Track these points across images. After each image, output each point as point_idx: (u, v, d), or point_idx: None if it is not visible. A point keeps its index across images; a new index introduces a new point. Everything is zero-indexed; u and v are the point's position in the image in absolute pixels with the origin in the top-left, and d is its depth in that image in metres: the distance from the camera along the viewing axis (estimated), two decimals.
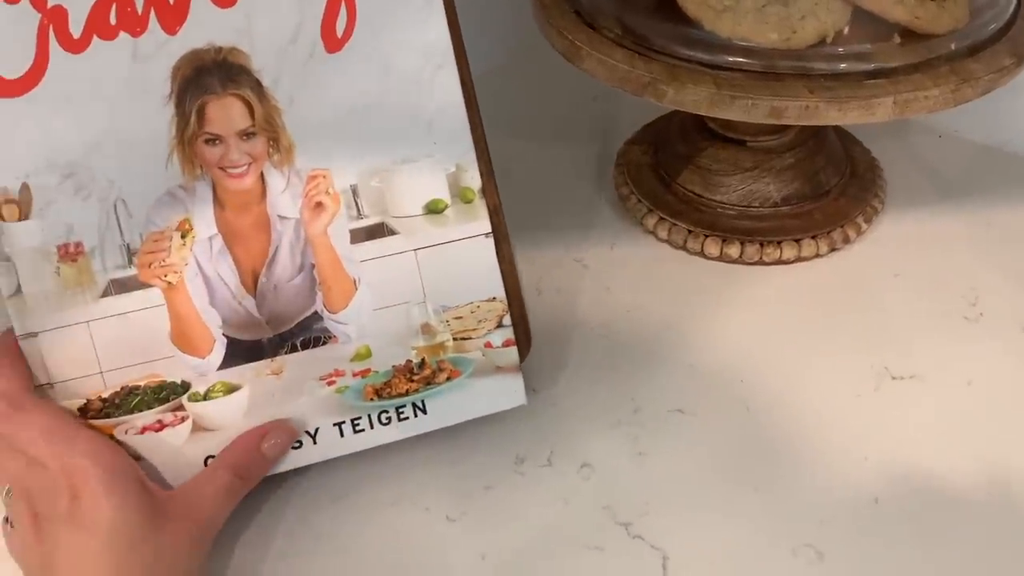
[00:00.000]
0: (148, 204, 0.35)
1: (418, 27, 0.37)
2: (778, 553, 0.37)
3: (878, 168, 0.55)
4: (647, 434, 0.42)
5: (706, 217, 0.51)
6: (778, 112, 0.39)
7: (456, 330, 0.39)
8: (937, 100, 0.39)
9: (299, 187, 0.37)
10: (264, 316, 0.37)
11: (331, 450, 0.39)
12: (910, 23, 0.42)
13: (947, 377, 0.44)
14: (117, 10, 0.34)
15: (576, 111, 0.63)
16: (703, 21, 0.41)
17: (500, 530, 0.38)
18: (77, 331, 0.36)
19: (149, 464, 0.37)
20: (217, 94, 0.35)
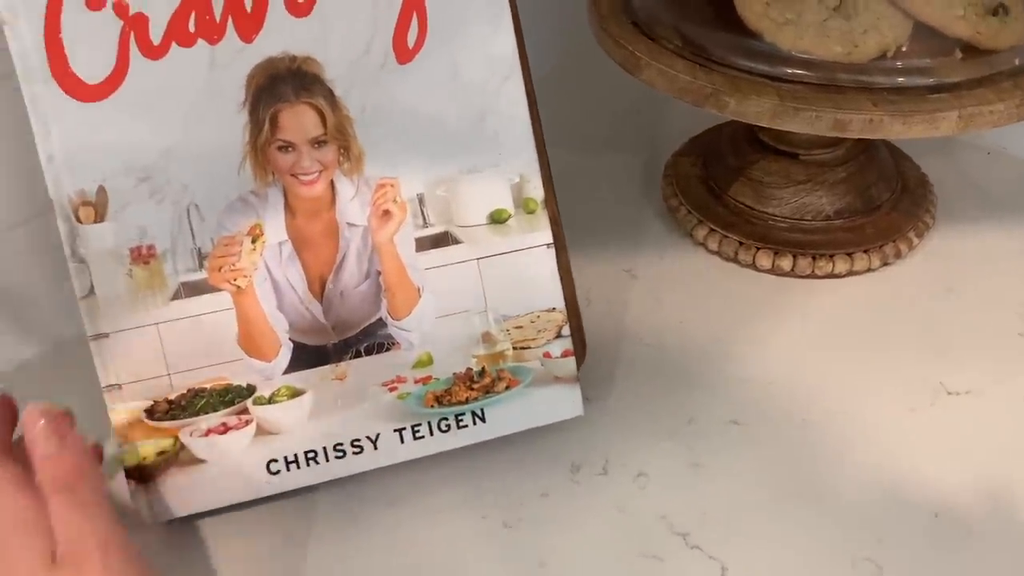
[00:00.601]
0: (220, 209, 0.36)
1: (487, 39, 0.37)
2: (838, 566, 0.37)
3: (928, 184, 0.55)
4: (702, 445, 0.42)
5: (757, 229, 0.51)
6: (842, 125, 0.39)
7: (516, 339, 0.40)
8: (1002, 115, 0.39)
9: (367, 195, 0.37)
10: (330, 322, 0.38)
11: (391, 456, 0.39)
12: (972, 38, 0.42)
13: (1003, 393, 0.44)
14: (196, 18, 0.35)
15: (621, 122, 0.63)
16: (764, 33, 0.41)
17: (557, 537, 0.38)
18: (147, 333, 0.36)
19: (209, 468, 0.37)
20: (290, 102, 0.36)
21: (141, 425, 0.37)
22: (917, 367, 0.45)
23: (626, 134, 0.62)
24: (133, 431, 0.37)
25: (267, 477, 0.38)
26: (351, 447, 0.38)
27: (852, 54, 0.41)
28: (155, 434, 0.37)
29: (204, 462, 0.37)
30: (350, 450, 0.38)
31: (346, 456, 0.38)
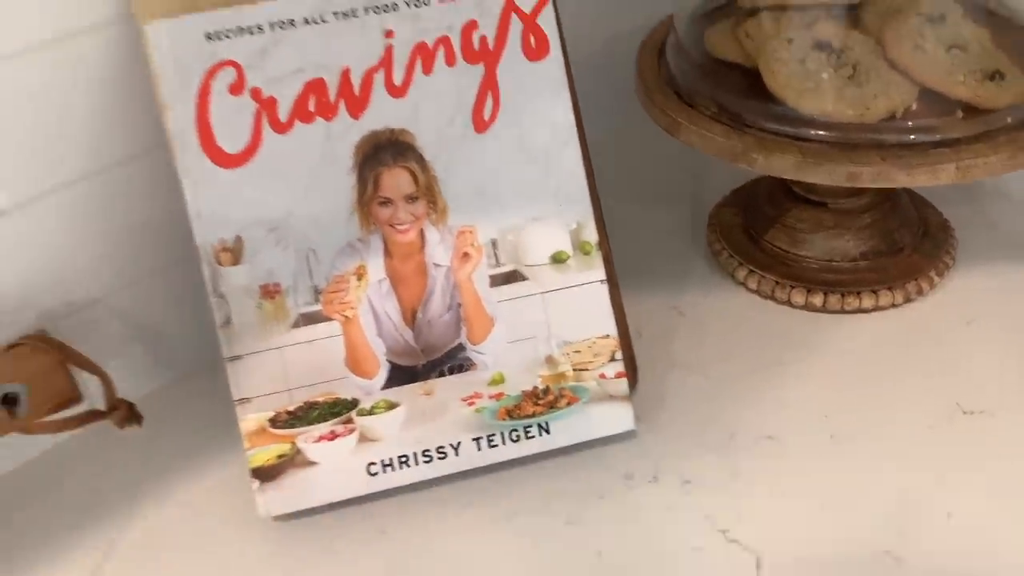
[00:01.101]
0: (332, 253, 0.44)
1: (549, 111, 0.45)
2: (860, 557, 0.42)
3: (950, 228, 0.60)
4: (742, 456, 0.48)
5: (792, 270, 0.57)
6: (855, 176, 0.46)
7: (575, 362, 0.46)
8: (995, 166, 0.45)
9: (450, 240, 0.45)
10: (420, 346, 0.45)
11: (470, 462, 0.46)
12: (972, 100, 0.48)
13: (1017, 415, 0.49)
14: (315, 100, 0.43)
15: (671, 178, 0.70)
16: (787, 100, 0.48)
17: (612, 533, 0.44)
18: (272, 355, 0.44)
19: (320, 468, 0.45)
20: (389, 166, 0.44)
21: (265, 432, 0.44)
22: (936, 390, 0.50)
23: (674, 190, 0.69)
24: (258, 437, 0.44)
25: (367, 478, 0.45)
26: (436, 453, 0.45)
27: (864, 116, 0.48)
28: (276, 440, 0.44)
29: (316, 464, 0.45)
30: (436, 455, 0.45)
31: (432, 461, 0.45)
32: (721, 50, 0.54)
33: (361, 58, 0.44)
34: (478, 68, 0.45)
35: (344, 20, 0.44)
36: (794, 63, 0.49)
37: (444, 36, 0.44)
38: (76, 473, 0.51)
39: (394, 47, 0.44)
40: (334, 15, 0.43)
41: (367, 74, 0.44)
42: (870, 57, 0.49)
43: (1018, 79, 0.49)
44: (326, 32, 0.43)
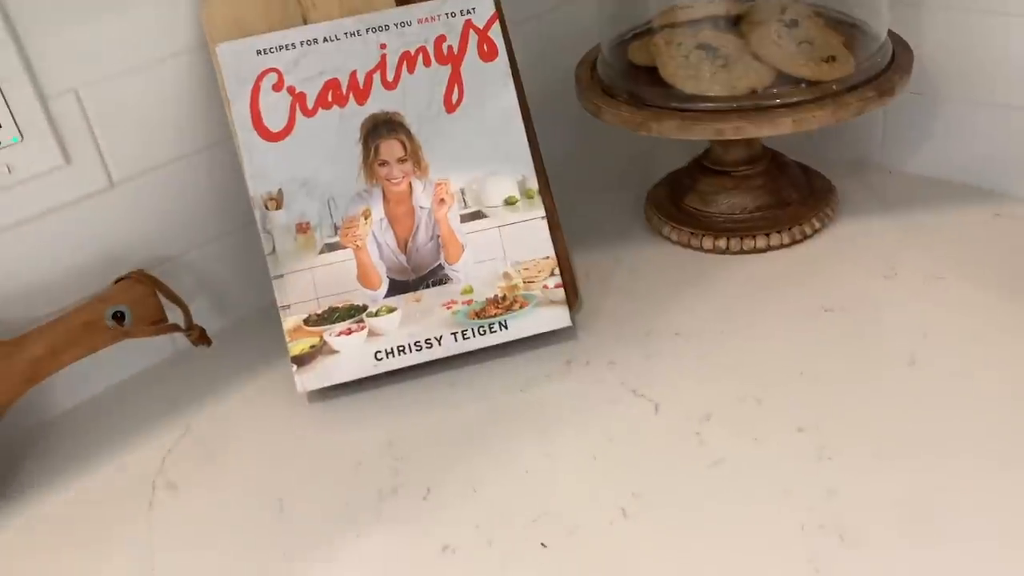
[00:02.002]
0: (346, 201, 0.62)
1: (499, 97, 0.63)
2: (729, 402, 0.58)
3: (834, 189, 0.77)
4: (654, 346, 0.64)
5: (703, 223, 0.74)
6: (720, 132, 0.63)
7: (524, 277, 0.63)
8: (822, 119, 0.62)
9: (431, 189, 0.63)
10: (411, 266, 0.63)
11: (448, 350, 0.62)
12: (812, 76, 0.65)
13: (863, 307, 0.64)
14: (332, 93, 0.62)
15: (621, 171, 0.88)
16: (676, 83, 0.66)
17: (555, 399, 0.60)
18: (305, 274, 0.62)
19: (340, 356, 0.62)
20: (385, 138, 0.62)
21: (301, 329, 0.62)
22: (801, 299, 0.66)
23: (623, 180, 0.86)
24: (296, 333, 0.62)
25: (374, 362, 0.62)
26: (424, 344, 0.62)
27: (732, 91, 0.65)
28: (308, 335, 0.62)
29: (337, 352, 0.62)
30: (424, 346, 0.62)
31: (422, 350, 0.62)
32: (638, 58, 0.72)
33: (364, 63, 0.62)
34: (447, 68, 0.63)
35: (351, 38, 0.62)
36: (680, 58, 0.67)
37: (422, 46, 0.63)
38: (163, 383, 0.68)
39: (387, 55, 0.63)
40: (345, 35, 0.62)
41: (368, 74, 0.62)
42: (738, 52, 0.67)
43: (846, 60, 0.66)
44: (339, 47, 0.62)
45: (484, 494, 0.54)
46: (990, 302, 0.63)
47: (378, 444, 0.59)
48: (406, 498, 0.54)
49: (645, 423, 0.57)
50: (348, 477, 0.57)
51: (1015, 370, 0.57)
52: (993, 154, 0.75)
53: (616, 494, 0.52)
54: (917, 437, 0.53)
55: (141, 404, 0.66)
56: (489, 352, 0.64)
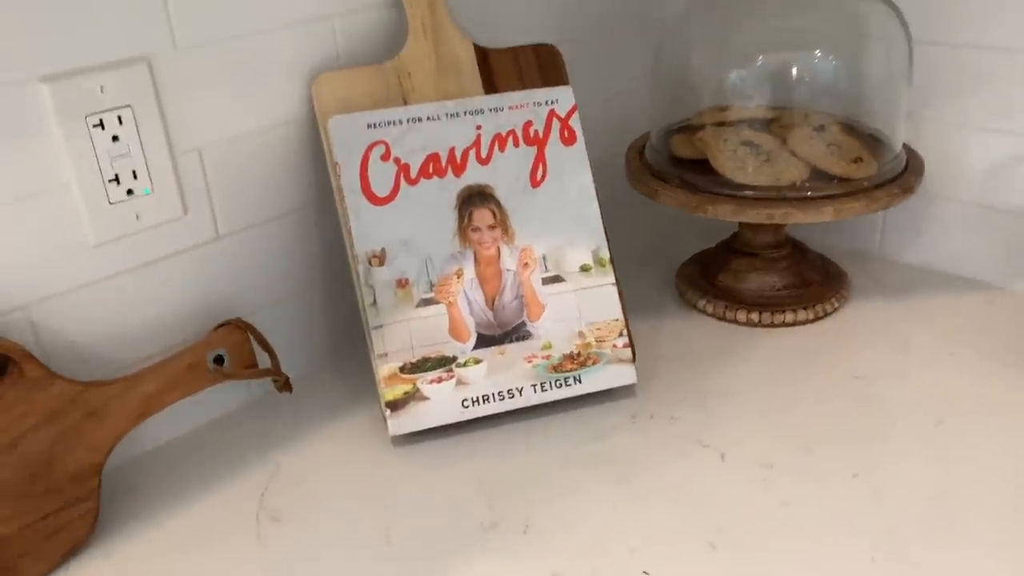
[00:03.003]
0: (442, 260, 0.68)
1: (577, 178, 0.71)
2: (787, 449, 0.65)
3: (845, 275, 0.87)
4: (710, 404, 0.71)
5: (736, 298, 0.82)
6: (771, 216, 0.72)
7: (596, 336, 0.70)
8: (857, 209, 0.72)
9: (517, 254, 0.70)
10: (497, 322, 0.69)
11: (528, 401, 0.68)
12: (843, 174, 0.75)
13: (890, 375, 0.73)
14: (433, 166, 0.69)
15: (649, 248, 0.96)
16: (726, 173, 0.75)
17: (625, 446, 0.67)
18: (402, 325, 0.67)
19: (431, 402, 0.67)
20: (478, 207, 0.69)
21: (396, 376, 0.67)
22: (833, 365, 0.75)
23: (650, 256, 0.95)
24: (391, 380, 0.67)
25: (461, 410, 0.67)
26: (507, 394, 0.68)
27: (777, 182, 0.75)
28: (403, 382, 0.67)
29: (428, 399, 0.67)
30: (507, 396, 0.68)
31: (505, 399, 0.68)
32: (681, 150, 0.82)
33: (462, 141, 0.70)
34: (533, 149, 0.71)
35: (452, 118, 0.70)
36: (728, 152, 0.76)
37: (511, 129, 0.71)
38: (254, 423, 0.72)
39: (482, 135, 0.70)
40: (446, 115, 0.70)
41: (465, 151, 0.70)
42: (778, 149, 0.77)
43: (871, 162, 0.76)
44: (441, 125, 0.70)
45: (580, 529, 0.59)
46: (997, 371, 0.72)
47: (470, 483, 0.64)
48: (507, 531, 0.59)
49: (715, 469, 0.64)
50: (447, 512, 0.61)
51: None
52: (980, 249, 0.86)
53: (702, 529, 0.58)
54: (952, 482, 0.61)
55: (229, 444, 0.70)
56: (561, 404, 0.70)
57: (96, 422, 0.61)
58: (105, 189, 0.62)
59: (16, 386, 0.57)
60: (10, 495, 0.57)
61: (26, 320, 0.61)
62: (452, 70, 0.73)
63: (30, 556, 0.58)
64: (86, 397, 0.60)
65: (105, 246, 0.63)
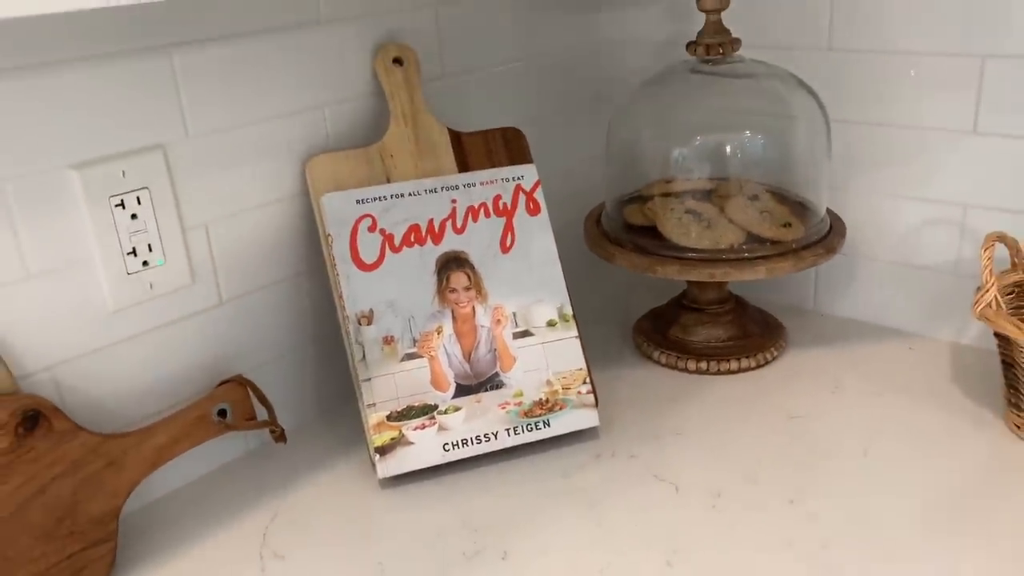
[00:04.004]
0: (423, 319, 0.77)
1: (541, 244, 0.81)
2: (730, 480, 0.73)
3: (783, 328, 0.96)
4: (664, 443, 0.79)
5: (686, 349, 0.91)
6: (712, 275, 0.82)
7: (562, 384, 0.79)
8: (786, 268, 0.82)
9: (490, 312, 0.78)
10: (473, 373, 0.77)
11: (503, 443, 0.76)
12: (774, 237, 0.86)
13: (826, 414, 0.82)
14: (414, 236, 0.78)
15: (607, 307, 1.06)
16: (672, 238, 0.85)
17: (589, 486, 0.75)
18: (389, 378, 0.75)
19: (415, 447, 0.74)
20: (454, 271, 0.78)
21: (383, 424, 0.74)
22: (774, 408, 0.84)
23: (609, 315, 1.04)
24: (380, 427, 0.74)
25: (443, 453, 0.75)
26: (484, 438, 0.76)
27: (716, 245, 0.85)
28: (390, 429, 0.74)
29: (413, 443, 0.74)
30: (483, 439, 0.76)
31: (482, 443, 0.76)
32: (633, 218, 0.92)
33: (439, 213, 0.79)
34: (502, 219, 0.80)
35: (430, 194, 0.79)
36: (674, 220, 0.87)
37: (483, 202, 0.80)
38: (253, 472, 0.79)
39: (456, 208, 0.80)
40: (425, 191, 0.79)
41: (442, 222, 0.79)
42: (717, 217, 0.87)
43: (798, 226, 0.87)
44: (420, 200, 0.79)
45: (553, 554, 0.67)
46: (918, 408, 0.82)
47: (453, 518, 0.71)
48: (488, 559, 0.67)
49: (670, 499, 0.72)
50: (433, 544, 0.69)
51: (942, 460, 0.75)
52: (901, 301, 0.97)
53: (660, 550, 0.66)
54: (876, 506, 0.70)
55: (231, 491, 0.76)
56: (532, 446, 0.78)
57: (115, 470, 0.67)
58: (124, 261, 0.70)
59: (46, 438, 0.64)
60: (39, 537, 0.63)
61: (51, 379, 0.68)
62: (429, 151, 0.82)
63: None
64: (106, 448, 0.67)
65: (122, 312, 0.71)
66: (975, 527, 0.67)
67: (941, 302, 0.94)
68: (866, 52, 0.91)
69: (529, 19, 0.99)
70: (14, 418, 0.63)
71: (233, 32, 0.73)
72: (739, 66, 0.88)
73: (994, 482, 0.72)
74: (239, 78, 0.74)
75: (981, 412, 0.81)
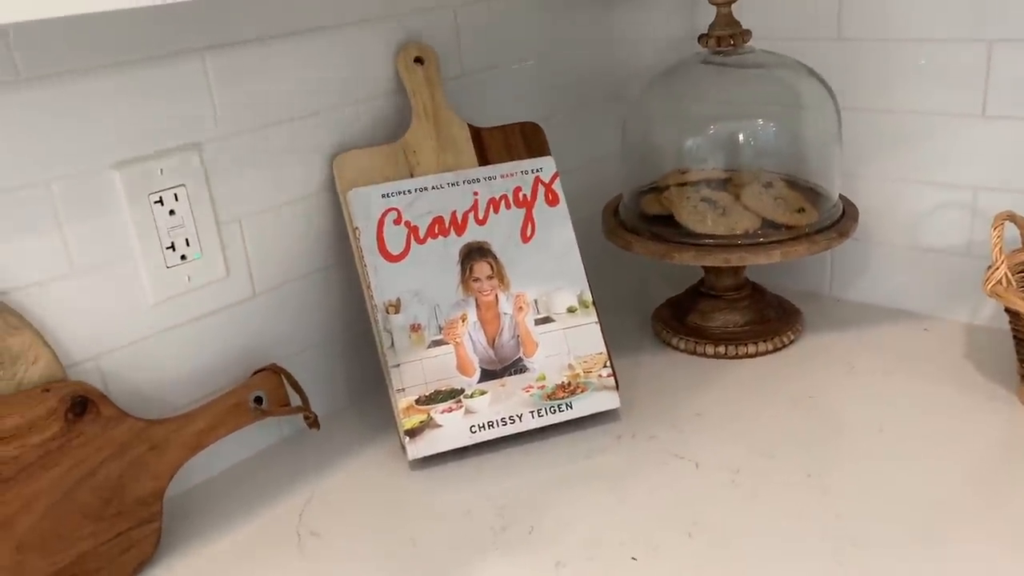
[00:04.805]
0: (448, 307, 0.80)
1: (560, 233, 0.83)
2: (746, 455, 0.76)
3: (799, 312, 0.99)
4: (682, 423, 0.82)
5: (704, 334, 0.94)
6: (727, 260, 0.84)
7: (584, 368, 0.81)
8: (800, 251, 0.84)
9: (512, 300, 0.81)
10: (498, 358, 0.80)
11: (527, 425, 0.79)
12: (788, 223, 0.88)
13: (831, 392, 0.84)
14: (438, 227, 0.81)
15: (627, 294, 1.08)
16: (688, 225, 0.88)
17: (611, 466, 0.77)
18: (416, 364, 0.78)
19: (443, 429, 0.77)
20: (477, 260, 0.81)
21: (413, 408, 0.77)
22: (790, 389, 0.86)
23: (629, 304, 1.07)
24: (409, 411, 0.77)
25: (470, 435, 0.78)
26: (509, 420, 0.79)
27: (732, 230, 0.87)
28: (418, 413, 0.77)
29: (441, 426, 0.77)
30: (508, 422, 0.79)
31: (507, 425, 0.79)
32: (649, 208, 0.94)
33: (461, 205, 0.82)
34: (523, 210, 0.83)
35: (452, 187, 0.82)
36: (690, 208, 0.89)
37: (504, 194, 0.83)
38: (288, 457, 0.82)
39: (478, 200, 0.82)
40: (447, 184, 0.82)
41: (465, 214, 0.82)
42: (732, 204, 0.89)
43: (812, 212, 0.89)
44: (443, 193, 0.82)
45: (577, 528, 0.69)
46: (930, 386, 0.84)
47: (480, 496, 0.74)
48: (515, 534, 0.69)
49: (690, 475, 0.75)
50: (462, 521, 0.71)
51: (956, 435, 0.77)
52: (914, 284, 0.99)
53: (681, 522, 0.69)
54: (891, 478, 0.72)
55: (268, 475, 0.80)
56: (556, 428, 0.81)
57: (158, 454, 0.71)
58: (163, 255, 0.73)
59: (95, 423, 0.67)
60: (90, 516, 0.67)
61: (96, 368, 0.71)
62: (451, 146, 0.85)
63: (105, 570, 0.67)
64: (149, 433, 0.70)
65: (162, 304, 0.74)
66: (988, 496, 0.69)
67: (954, 284, 0.95)
68: (874, 40, 0.93)
69: (544, 18, 1.02)
70: (64, 404, 0.66)
71: (261, 35, 0.76)
72: (750, 57, 0.90)
73: (1007, 455, 0.74)
74: (268, 79, 0.78)
75: (995, 388, 0.83)
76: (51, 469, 0.65)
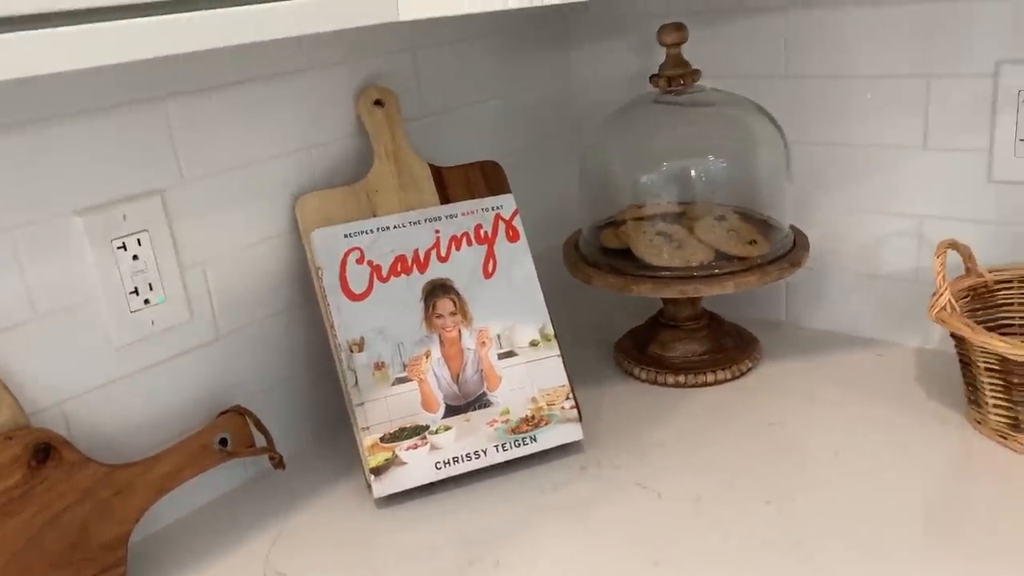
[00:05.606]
0: (412, 344, 0.81)
1: (521, 268, 0.85)
2: (718, 481, 0.77)
3: (757, 341, 1.01)
4: (645, 453, 0.83)
5: (664, 364, 0.96)
6: (683, 291, 0.86)
7: (547, 400, 0.83)
8: (752, 282, 0.87)
9: (475, 335, 0.82)
10: (462, 394, 0.81)
11: (493, 459, 0.80)
12: (740, 254, 0.90)
13: (799, 420, 0.86)
14: (401, 266, 0.82)
15: (588, 327, 1.10)
16: (645, 258, 0.90)
17: (575, 496, 0.78)
18: (381, 401, 0.79)
19: (409, 466, 0.78)
20: (440, 297, 0.82)
21: (377, 446, 0.78)
22: (749, 417, 0.88)
23: (590, 335, 1.09)
24: (374, 449, 0.78)
25: (435, 471, 0.79)
26: (474, 455, 0.80)
27: (688, 262, 0.89)
28: (383, 450, 0.78)
29: (406, 463, 0.78)
30: (474, 456, 0.80)
31: (471, 460, 0.79)
32: (608, 242, 0.96)
33: (424, 243, 0.83)
34: (484, 247, 0.85)
35: (414, 225, 0.84)
36: (647, 242, 0.91)
37: (465, 232, 0.85)
38: (256, 497, 0.82)
39: (440, 238, 0.84)
40: (409, 223, 0.84)
41: (427, 251, 0.83)
42: (687, 238, 0.92)
43: (764, 243, 0.92)
44: (405, 231, 0.83)
45: (543, 561, 0.70)
46: (886, 410, 0.86)
47: (446, 532, 0.75)
48: (481, 569, 0.70)
49: (654, 505, 0.76)
50: (429, 557, 0.72)
51: (909, 458, 0.79)
52: (868, 311, 1.02)
53: (646, 552, 0.70)
54: (848, 502, 0.74)
55: (233, 517, 0.80)
56: (521, 461, 0.82)
57: (123, 498, 0.71)
58: (127, 300, 0.74)
59: (57, 469, 0.67)
60: (55, 563, 0.67)
61: (60, 414, 0.71)
62: (412, 186, 0.87)
63: None
64: (114, 477, 0.70)
65: (125, 349, 0.75)
66: (942, 516, 0.71)
67: (906, 310, 0.99)
68: (820, 77, 0.97)
69: (503, 59, 1.05)
70: (26, 452, 0.66)
71: (223, 82, 0.78)
72: (700, 95, 0.93)
73: (958, 474, 0.76)
74: (230, 124, 0.79)
75: (945, 411, 0.86)
76: (15, 516, 0.65)
